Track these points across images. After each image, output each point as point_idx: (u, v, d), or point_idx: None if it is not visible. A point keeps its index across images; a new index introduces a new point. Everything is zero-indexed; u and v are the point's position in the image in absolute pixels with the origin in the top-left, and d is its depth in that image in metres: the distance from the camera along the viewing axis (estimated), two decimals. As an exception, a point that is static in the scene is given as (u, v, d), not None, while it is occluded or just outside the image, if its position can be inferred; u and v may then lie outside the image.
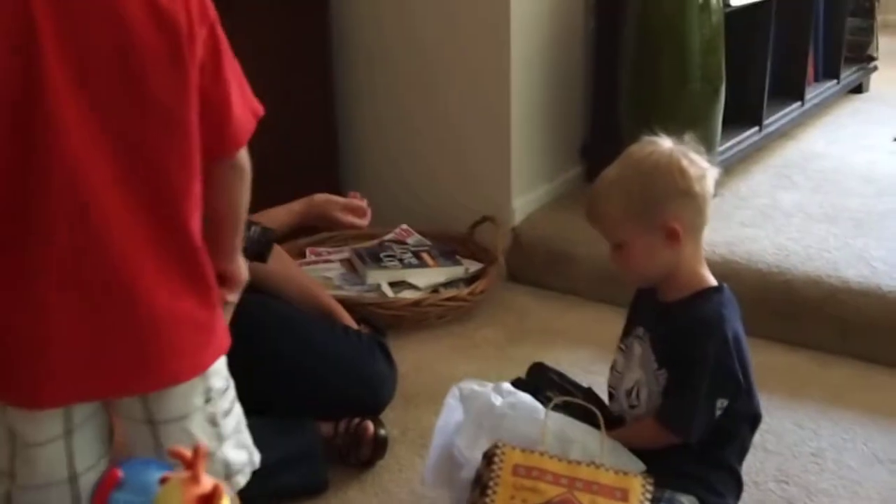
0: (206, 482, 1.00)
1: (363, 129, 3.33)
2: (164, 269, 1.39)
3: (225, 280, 1.56)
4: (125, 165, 1.34)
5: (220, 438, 1.51)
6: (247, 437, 1.58)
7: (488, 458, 1.80)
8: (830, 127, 4.05)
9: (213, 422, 1.49)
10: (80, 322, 1.36)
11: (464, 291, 2.89)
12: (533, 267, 3.09)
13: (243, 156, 1.50)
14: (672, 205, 1.87)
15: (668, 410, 1.88)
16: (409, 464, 2.24)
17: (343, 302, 2.60)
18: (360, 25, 3.22)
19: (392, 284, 2.92)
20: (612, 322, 2.18)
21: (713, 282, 1.97)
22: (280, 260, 2.39)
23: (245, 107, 1.46)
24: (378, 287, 2.91)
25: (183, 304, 1.42)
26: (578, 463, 1.79)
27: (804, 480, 2.16)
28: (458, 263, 3.01)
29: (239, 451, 1.55)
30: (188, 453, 1.03)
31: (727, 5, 3.09)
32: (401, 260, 3.00)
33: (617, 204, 1.90)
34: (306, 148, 3.21)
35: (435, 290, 2.91)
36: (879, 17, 4.59)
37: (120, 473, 1.06)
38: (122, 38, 1.31)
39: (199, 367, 1.45)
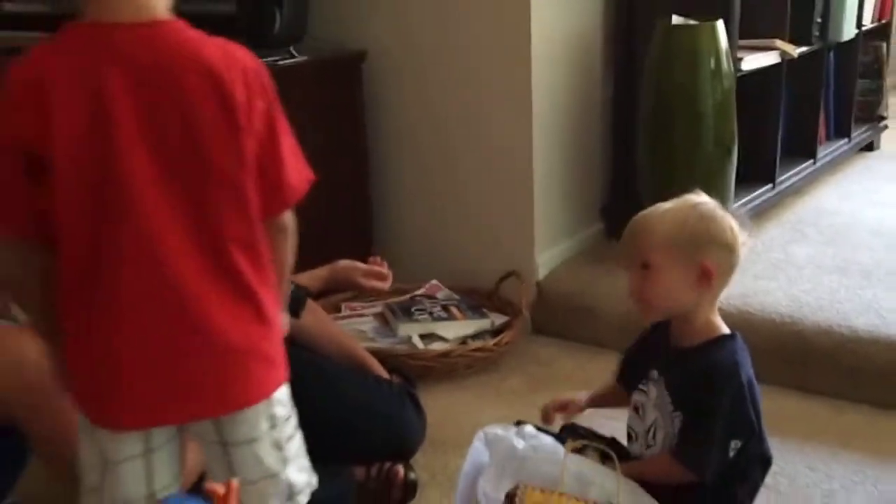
0: None
1: (396, 189, 3.39)
2: (232, 308, 1.48)
3: None
4: (191, 220, 1.44)
5: (285, 461, 1.59)
6: (306, 461, 1.66)
7: (510, 498, 1.82)
8: (842, 184, 4.06)
9: (278, 446, 1.57)
10: (157, 355, 1.45)
11: (490, 343, 2.90)
12: (556, 319, 3.11)
13: (288, 217, 1.58)
14: (714, 250, 1.89)
15: (685, 449, 1.88)
16: None
17: (376, 353, 2.62)
18: (391, 99, 3.28)
19: (422, 336, 2.94)
20: (632, 371, 2.19)
21: (726, 330, 1.98)
22: (315, 314, 2.43)
23: (298, 173, 1.55)
24: (409, 339, 2.93)
25: (250, 339, 1.50)
26: (595, 502, 1.82)
27: (817, 521, 2.17)
28: (484, 316, 3.03)
29: (301, 474, 1.63)
30: (221, 490, 1.08)
31: (738, 70, 3.12)
32: (431, 313, 3.03)
33: (668, 227, 1.90)
34: (343, 211, 3.25)
35: (463, 341, 2.93)
36: (889, 78, 4.61)
37: None
38: (184, 108, 1.40)
39: (264, 394, 1.53)
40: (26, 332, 1.91)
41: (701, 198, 1.97)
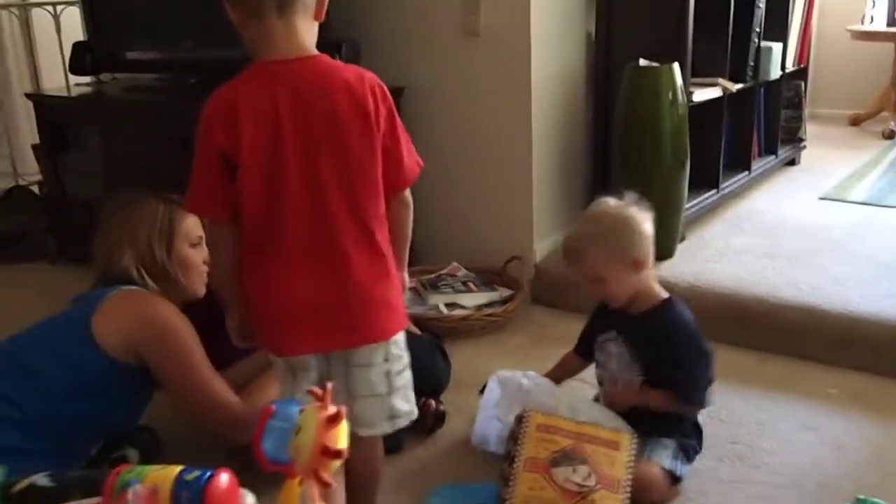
0: (332, 408, 1.11)
1: (426, 192, 3.33)
2: (370, 267, 1.57)
3: None
4: (336, 195, 1.54)
5: (391, 389, 1.65)
6: (412, 395, 1.71)
7: (519, 419, 1.88)
8: (771, 190, 4.10)
9: (387, 375, 1.64)
10: (314, 302, 1.56)
11: (499, 310, 2.96)
12: (550, 292, 3.15)
13: (408, 193, 1.68)
14: (637, 243, 1.96)
15: (687, 391, 1.95)
16: (461, 431, 2.31)
17: (411, 318, 2.65)
18: (422, 124, 3.27)
19: (447, 305, 3.00)
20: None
21: (665, 293, 2.04)
22: None
23: (411, 159, 1.65)
24: (437, 307, 2.98)
25: (381, 292, 1.59)
26: (584, 423, 1.87)
27: (750, 441, 2.22)
28: (494, 290, 3.09)
29: (404, 403, 1.69)
30: (319, 391, 1.14)
31: (690, 101, 3.17)
32: (453, 287, 3.08)
33: (599, 250, 1.95)
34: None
35: (478, 309, 2.98)
36: (807, 110, 4.66)
37: (273, 407, 1.17)
38: (332, 116, 1.52)
39: (386, 335, 1.62)
40: (156, 295, 1.99)
41: (609, 204, 2.01)
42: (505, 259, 3.18)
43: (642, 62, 3.05)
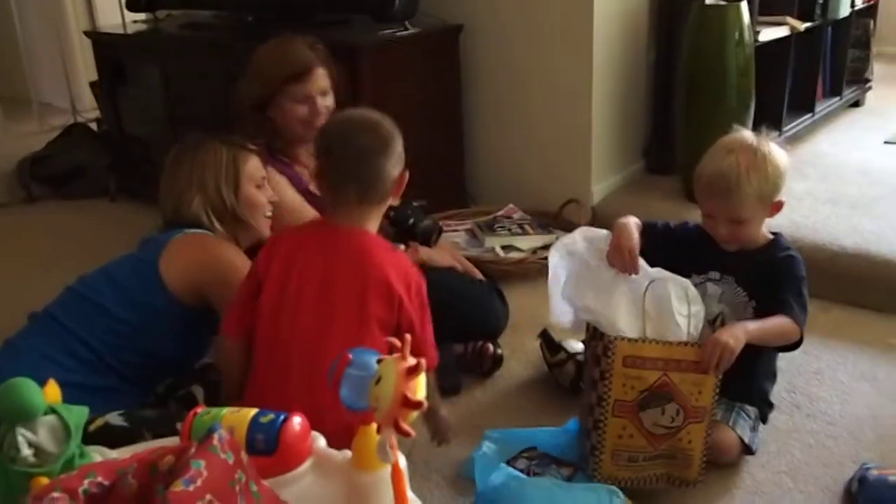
0: (412, 360, 1.14)
1: (483, 133, 3.44)
2: None
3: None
4: (339, 344, 1.58)
5: None
6: None
7: (605, 349, 1.78)
8: (834, 132, 4.03)
9: None
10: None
11: (555, 253, 2.98)
12: (606, 236, 3.15)
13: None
14: (782, 185, 1.90)
15: (797, 315, 1.85)
16: (517, 374, 2.35)
17: (467, 259, 2.68)
18: (480, 62, 3.31)
19: (503, 247, 3.02)
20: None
21: (770, 233, 1.99)
22: (441, 244, 2.56)
23: (432, 350, 1.80)
24: (493, 249, 3.01)
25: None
26: (671, 344, 1.77)
27: (807, 391, 2.23)
28: (551, 233, 3.09)
29: None
30: (398, 342, 1.17)
31: (756, 41, 3.12)
32: (509, 230, 3.10)
33: (755, 187, 1.85)
34: (441, 151, 3.30)
35: (534, 252, 2.99)
36: (874, 49, 4.54)
37: (350, 356, 1.20)
38: (356, 283, 1.71)
39: None
40: (220, 238, 2.04)
41: (761, 142, 1.91)
42: (562, 202, 3.19)
43: (709, 0, 2.99)
